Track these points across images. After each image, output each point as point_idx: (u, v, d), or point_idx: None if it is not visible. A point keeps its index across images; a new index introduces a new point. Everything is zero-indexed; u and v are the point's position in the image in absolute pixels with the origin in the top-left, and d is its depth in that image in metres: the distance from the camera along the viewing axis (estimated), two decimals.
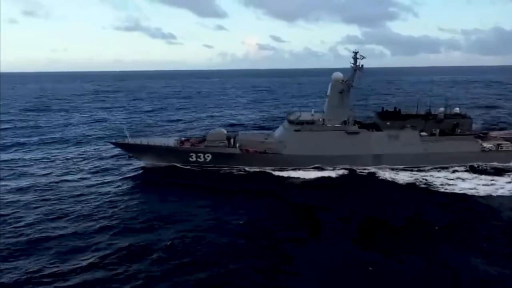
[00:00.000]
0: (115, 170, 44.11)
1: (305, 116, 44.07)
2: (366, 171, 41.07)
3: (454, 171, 40.57)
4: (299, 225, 29.28)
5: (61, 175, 41.72)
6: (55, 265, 23.23)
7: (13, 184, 38.68)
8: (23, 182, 39.12)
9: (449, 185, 36.92)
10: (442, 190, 35.92)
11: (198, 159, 43.01)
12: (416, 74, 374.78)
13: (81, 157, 50.22)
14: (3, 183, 38.95)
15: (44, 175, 42.02)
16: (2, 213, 31.08)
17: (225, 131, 45.11)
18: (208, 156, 42.71)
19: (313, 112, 45.08)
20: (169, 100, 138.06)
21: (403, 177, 39.29)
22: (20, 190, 36.87)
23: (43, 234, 27.26)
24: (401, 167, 41.53)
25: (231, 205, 33.29)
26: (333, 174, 40.24)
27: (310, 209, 32.30)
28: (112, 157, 49.60)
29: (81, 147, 57.43)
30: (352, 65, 43.25)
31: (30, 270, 22.62)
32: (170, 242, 25.99)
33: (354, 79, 42.73)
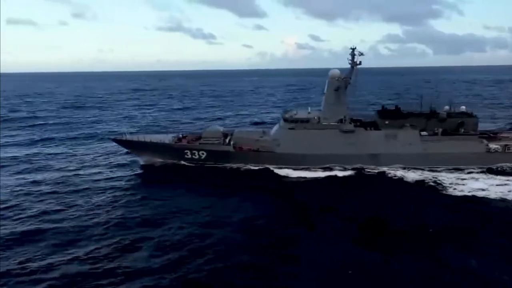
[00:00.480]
0: (126, 165, 45.13)
1: (301, 114, 43.18)
2: (375, 170, 39.80)
3: (469, 172, 38.56)
4: (299, 224, 28.79)
5: (75, 170, 43.12)
6: (43, 257, 23.84)
7: (29, 177, 40.42)
8: (38, 176, 40.83)
9: (459, 185, 35.26)
10: (451, 190, 34.44)
11: (193, 156, 43.13)
12: (458, 73, 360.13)
13: (100, 153, 51.84)
14: (19, 176, 40.92)
15: (60, 169, 43.62)
16: (9, 204, 32.55)
17: (221, 129, 45.31)
18: (203, 154, 42.75)
19: (309, 110, 44.09)
20: (201, 99, 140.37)
21: (413, 176, 37.97)
22: (33, 183, 38.44)
23: (39, 226, 28.17)
24: (412, 166, 39.78)
25: (230, 203, 33.16)
26: (338, 173, 39.22)
27: (311, 208, 31.67)
28: (128, 153, 50.83)
29: (103, 143, 59.17)
30: (350, 62, 41.87)
31: (17, 261, 23.32)
32: (164, 238, 26.11)
33: (351, 77, 41.52)
